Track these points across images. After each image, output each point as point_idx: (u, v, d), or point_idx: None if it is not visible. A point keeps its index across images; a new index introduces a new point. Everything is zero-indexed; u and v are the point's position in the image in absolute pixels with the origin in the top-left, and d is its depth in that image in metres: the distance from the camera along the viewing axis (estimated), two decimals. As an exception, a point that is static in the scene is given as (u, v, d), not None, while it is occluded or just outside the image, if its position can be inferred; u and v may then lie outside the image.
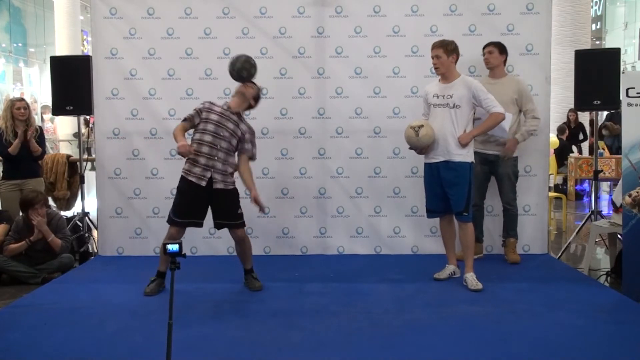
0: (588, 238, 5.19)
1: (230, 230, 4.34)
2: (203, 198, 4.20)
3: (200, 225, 4.33)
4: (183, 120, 4.28)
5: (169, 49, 5.43)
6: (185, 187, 4.22)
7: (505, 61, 5.08)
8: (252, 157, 4.34)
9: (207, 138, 4.18)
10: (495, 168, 5.07)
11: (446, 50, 4.35)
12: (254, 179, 4.35)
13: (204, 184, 4.15)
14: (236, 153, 4.32)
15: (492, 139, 4.92)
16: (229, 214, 4.28)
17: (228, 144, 4.21)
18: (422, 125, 4.34)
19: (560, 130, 10.17)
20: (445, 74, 4.42)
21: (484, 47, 5.05)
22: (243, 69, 4.30)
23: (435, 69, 4.44)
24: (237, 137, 4.25)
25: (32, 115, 5.72)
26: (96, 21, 5.47)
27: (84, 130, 14.69)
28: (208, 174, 4.15)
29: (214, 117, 4.22)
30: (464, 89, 4.36)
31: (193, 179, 4.16)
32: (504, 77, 5.04)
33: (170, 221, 4.25)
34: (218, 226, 4.35)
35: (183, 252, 2.75)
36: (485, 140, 4.89)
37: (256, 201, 4.21)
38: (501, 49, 5.01)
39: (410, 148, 4.54)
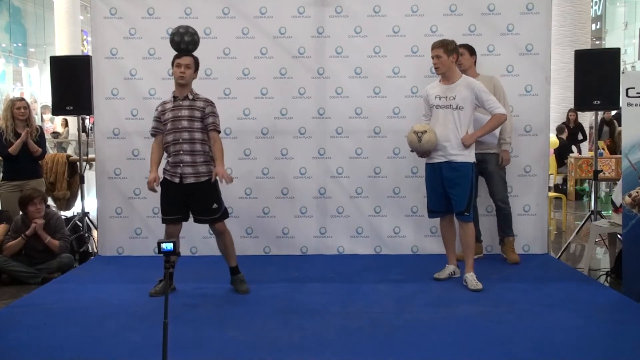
0: (588, 238, 5.19)
1: (209, 224, 4.37)
2: (179, 194, 4.23)
3: (185, 219, 4.36)
4: (153, 136, 4.34)
5: (169, 49, 5.36)
6: (163, 186, 4.30)
7: (475, 62, 5.05)
8: (215, 129, 4.23)
9: (169, 138, 4.20)
10: (483, 167, 5.05)
11: (446, 49, 4.34)
12: (223, 155, 4.24)
13: (177, 180, 4.19)
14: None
15: (480, 140, 4.91)
16: (204, 209, 4.26)
17: (190, 132, 4.16)
18: (426, 131, 4.32)
19: (559, 130, 10.16)
20: (445, 73, 4.41)
21: None
22: (191, 44, 4.25)
23: (436, 68, 4.43)
24: (198, 118, 4.18)
25: (32, 115, 5.71)
26: (96, 21, 5.48)
27: (62, 130, 14.71)
28: (178, 170, 4.18)
29: (168, 115, 4.22)
30: (467, 90, 4.35)
31: (167, 177, 4.25)
32: (478, 77, 5.02)
33: (162, 220, 4.37)
34: (197, 221, 4.38)
35: (177, 251, 2.74)
36: None
37: (221, 176, 4.13)
38: (471, 50, 5.00)
39: (412, 151, 4.54)
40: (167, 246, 2.69)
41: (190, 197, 4.24)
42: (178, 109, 4.20)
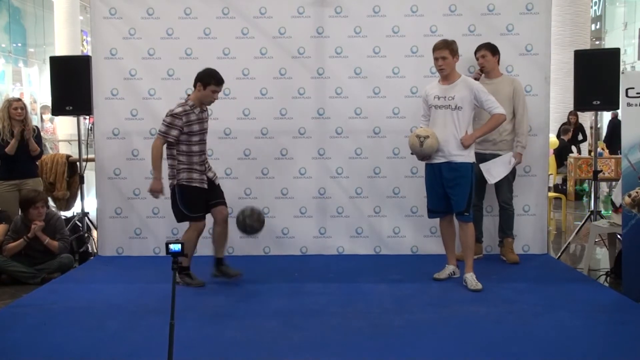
0: (588, 238, 5.19)
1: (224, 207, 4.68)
2: (205, 194, 4.58)
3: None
4: (168, 143, 4.47)
5: (169, 49, 5.43)
6: (194, 191, 4.51)
7: (498, 61, 5.07)
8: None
9: (196, 148, 4.49)
10: None
11: (452, 51, 4.32)
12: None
13: (205, 185, 4.53)
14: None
15: (490, 139, 4.92)
16: (221, 192, 4.71)
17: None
18: (428, 136, 4.30)
19: (564, 131, 10.13)
20: (448, 74, 4.40)
21: (476, 52, 5.05)
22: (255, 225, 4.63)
23: (441, 70, 4.38)
24: None
25: (28, 115, 5.71)
26: (96, 21, 5.47)
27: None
28: (205, 176, 4.56)
29: (196, 127, 4.46)
30: (466, 90, 4.34)
31: (197, 184, 4.48)
32: (500, 77, 5.05)
33: (197, 217, 4.59)
34: (216, 205, 4.69)
35: (185, 252, 2.75)
36: (482, 140, 4.87)
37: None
38: (493, 50, 5.01)
39: (412, 153, 4.54)
40: (175, 247, 2.71)
41: (210, 191, 4.56)
42: (203, 121, 4.50)
